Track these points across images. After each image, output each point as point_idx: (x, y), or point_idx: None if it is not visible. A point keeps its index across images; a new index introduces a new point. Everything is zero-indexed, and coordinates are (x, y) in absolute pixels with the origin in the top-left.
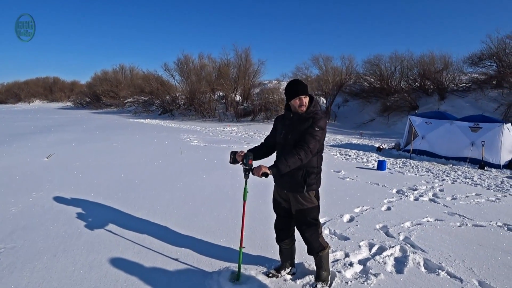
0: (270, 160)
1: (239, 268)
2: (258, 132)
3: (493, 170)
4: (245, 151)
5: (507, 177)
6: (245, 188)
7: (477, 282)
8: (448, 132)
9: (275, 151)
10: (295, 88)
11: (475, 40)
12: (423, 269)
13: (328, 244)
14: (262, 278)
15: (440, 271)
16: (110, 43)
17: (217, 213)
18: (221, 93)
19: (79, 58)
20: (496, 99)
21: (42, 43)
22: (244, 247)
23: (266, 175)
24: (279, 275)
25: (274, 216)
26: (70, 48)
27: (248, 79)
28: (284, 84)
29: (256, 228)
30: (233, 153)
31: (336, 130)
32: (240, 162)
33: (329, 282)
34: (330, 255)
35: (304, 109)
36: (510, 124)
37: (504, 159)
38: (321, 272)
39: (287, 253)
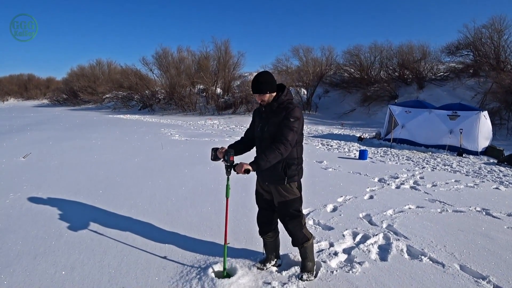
0: (252, 153)
1: (224, 263)
2: (240, 125)
3: (471, 156)
4: (226, 148)
5: (484, 163)
6: (227, 185)
7: (459, 266)
8: (427, 120)
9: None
10: (253, 85)
11: (453, 30)
12: (406, 256)
13: (312, 235)
14: (247, 271)
15: (422, 257)
16: (86, 37)
17: (200, 208)
18: (201, 86)
19: (54, 53)
20: (473, 87)
21: (11, 39)
22: (228, 243)
23: (248, 171)
24: (265, 268)
25: (257, 209)
26: (44, 43)
27: (228, 71)
28: None
29: (240, 221)
30: (214, 150)
31: (317, 121)
32: (222, 159)
33: (314, 273)
34: (315, 245)
35: (265, 103)
36: (486, 112)
37: (481, 146)
38: (307, 263)
39: (271, 246)
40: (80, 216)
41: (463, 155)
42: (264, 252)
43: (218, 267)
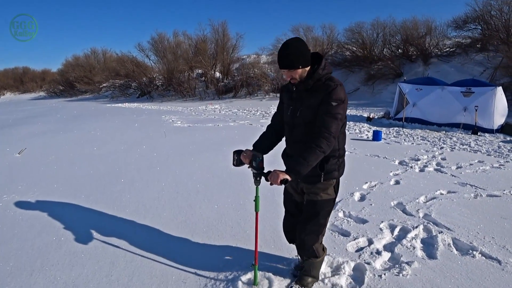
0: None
1: (255, 280)
2: (242, 109)
3: (487, 135)
4: (251, 149)
5: (502, 141)
6: (256, 197)
7: None
8: (439, 98)
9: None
10: (280, 58)
11: (460, 3)
12: (455, 251)
13: (324, 252)
14: (282, 280)
15: (473, 252)
16: (79, 26)
17: (215, 202)
18: (200, 70)
19: (48, 45)
20: (482, 62)
21: (5, 33)
22: (257, 265)
23: (285, 182)
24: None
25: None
26: (38, 35)
27: (227, 54)
28: (263, 58)
29: (267, 219)
30: (237, 153)
31: None
32: (248, 165)
33: None
34: (352, 242)
35: (296, 81)
36: (501, 87)
37: (497, 123)
38: (305, 278)
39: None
40: (81, 219)
41: (478, 134)
42: (298, 257)
43: (248, 277)
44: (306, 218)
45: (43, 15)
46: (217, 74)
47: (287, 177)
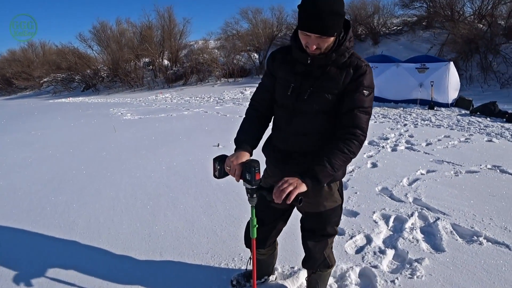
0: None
1: None
2: (194, 96)
3: (443, 109)
4: (238, 150)
5: (459, 115)
6: (252, 221)
7: None
8: (395, 75)
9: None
10: (309, 17)
11: None
12: (460, 240)
13: (335, 260)
14: None
15: (479, 238)
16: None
17: (181, 206)
18: (147, 59)
19: None
20: (429, 39)
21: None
22: None
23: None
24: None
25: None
26: None
27: (174, 40)
28: (211, 43)
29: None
30: (219, 161)
31: None
32: (240, 179)
33: None
34: (350, 241)
35: (317, 53)
36: (452, 63)
37: (451, 97)
38: None
39: (263, 263)
40: (17, 246)
41: (435, 108)
42: (247, 267)
43: None
44: (311, 233)
45: None
46: (165, 62)
47: (303, 188)
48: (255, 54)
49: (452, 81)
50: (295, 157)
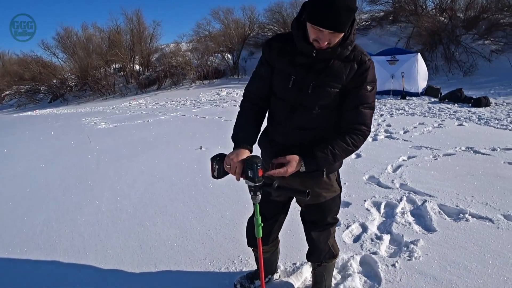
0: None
1: None
2: (170, 100)
3: (414, 98)
4: (238, 148)
5: (429, 103)
6: (256, 219)
7: (503, 216)
8: None
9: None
10: (323, 14)
11: None
12: (448, 218)
13: (339, 249)
14: None
15: (465, 215)
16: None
17: (171, 214)
18: (117, 65)
19: None
20: (396, 33)
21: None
22: None
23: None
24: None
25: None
26: None
27: (145, 44)
28: (184, 46)
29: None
30: (218, 160)
31: None
32: (240, 176)
33: None
34: (347, 231)
35: (325, 47)
36: (419, 54)
37: (421, 87)
38: None
39: (266, 261)
40: (1, 273)
41: (407, 98)
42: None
43: None
44: (312, 224)
45: None
46: (137, 67)
47: (295, 169)
48: (229, 55)
49: (420, 72)
50: (294, 152)
